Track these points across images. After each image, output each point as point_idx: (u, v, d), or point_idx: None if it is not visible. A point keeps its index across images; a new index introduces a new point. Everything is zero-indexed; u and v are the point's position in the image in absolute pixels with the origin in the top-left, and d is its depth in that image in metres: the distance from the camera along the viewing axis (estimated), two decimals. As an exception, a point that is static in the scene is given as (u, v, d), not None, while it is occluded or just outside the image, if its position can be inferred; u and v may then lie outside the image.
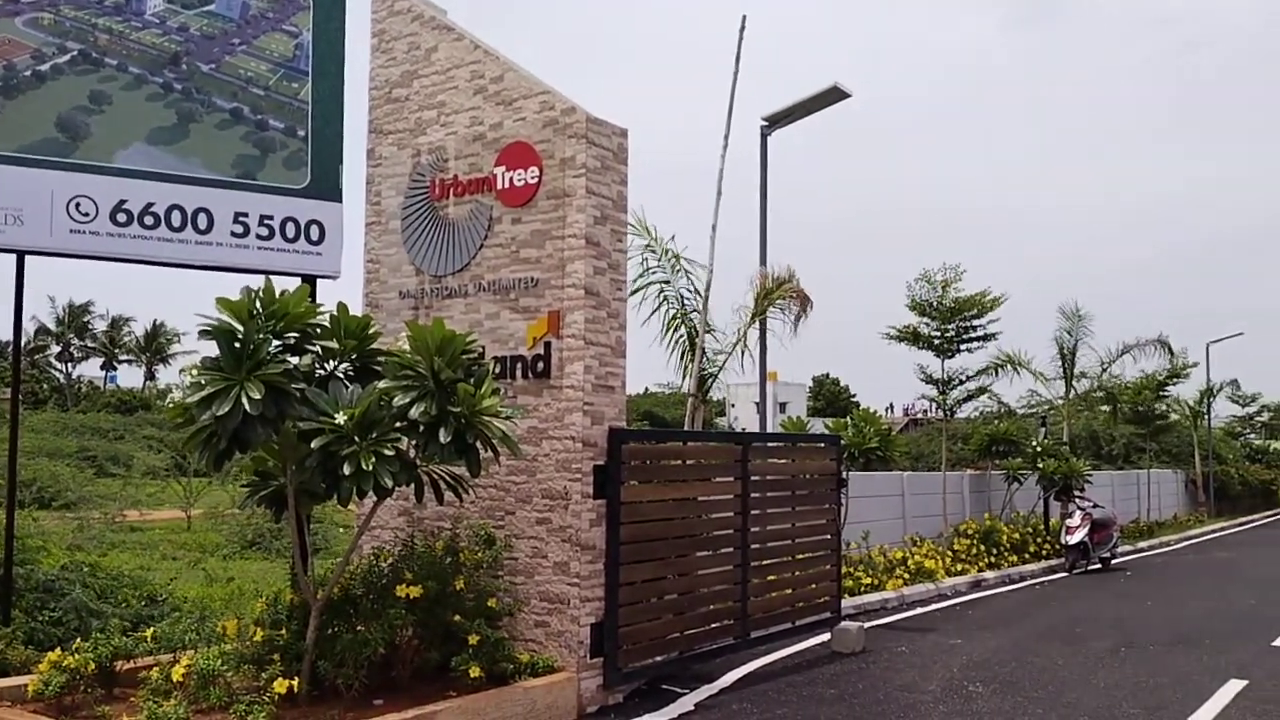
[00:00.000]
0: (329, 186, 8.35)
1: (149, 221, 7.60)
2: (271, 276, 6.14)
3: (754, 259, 13.23)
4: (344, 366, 6.19)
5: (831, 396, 78.24)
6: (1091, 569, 17.27)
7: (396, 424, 5.84)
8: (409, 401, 5.81)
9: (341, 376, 6.11)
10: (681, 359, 12.63)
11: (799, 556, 9.39)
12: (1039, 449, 18.63)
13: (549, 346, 7.32)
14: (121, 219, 7.53)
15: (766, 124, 13.41)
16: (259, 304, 5.69)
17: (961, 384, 18.30)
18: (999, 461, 18.47)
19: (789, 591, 9.23)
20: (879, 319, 34.96)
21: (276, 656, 6.21)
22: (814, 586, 9.63)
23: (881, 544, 14.39)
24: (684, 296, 12.54)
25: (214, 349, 5.55)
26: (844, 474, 11.16)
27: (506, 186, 7.66)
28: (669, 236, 12.48)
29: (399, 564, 6.94)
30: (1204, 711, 7.42)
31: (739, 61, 12.33)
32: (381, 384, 5.90)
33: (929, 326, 17.50)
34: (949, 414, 19.09)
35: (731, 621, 8.38)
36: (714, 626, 8.24)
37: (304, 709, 5.98)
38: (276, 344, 5.70)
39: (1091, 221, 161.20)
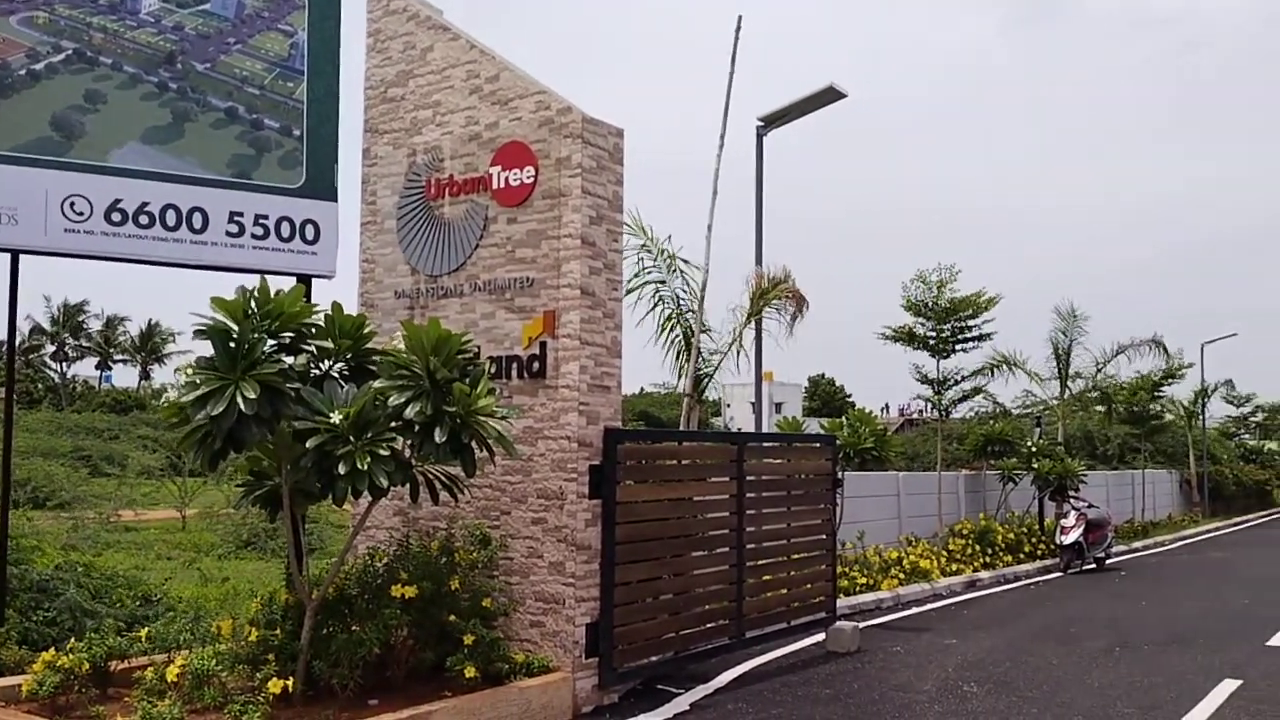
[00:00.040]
0: (324, 186, 8.33)
1: (144, 221, 7.59)
2: (267, 276, 6.12)
3: (750, 258, 13.24)
4: (339, 366, 6.17)
5: (827, 397, 78.31)
6: (1086, 569, 17.30)
7: (392, 424, 5.83)
8: (404, 401, 5.81)
9: (336, 376, 6.10)
10: (677, 359, 12.63)
11: (794, 556, 9.40)
12: (1034, 449, 18.66)
13: (544, 346, 7.32)
14: (116, 218, 7.51)
15: (762, 124, 13.41)
16: (254, 303, 5.68)
17: (957, 384, 18.32)
18: (994, 462, 18.51)
19: (784, 591, 9.24)
20: (876, 319, 35.04)
21: (271, 656, 6.22)
22: (809, 586, 9.64)
23: (877, 544, 14.41)
24: (679, 296, 12.55)
25: (209, 348, 5.54)
26: (839, 474, 11.17)
27: (502, 186, 7.66)
28: (665, 236, 12.50)
29: (394, 564, 6.94)
30: (1198, 711, 7.44)
31: (735, 62, 12.36)
32: (377, 384, 5.89)
33: (924, 327, 17.51)
34: (944, 414, 19.11)
35: (727, 621, 8.39)
36: (709, 626, 8.25)
37: (299, 709, 5.97)
38: (271, 343, 5.69)
39: (1091, 221, 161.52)
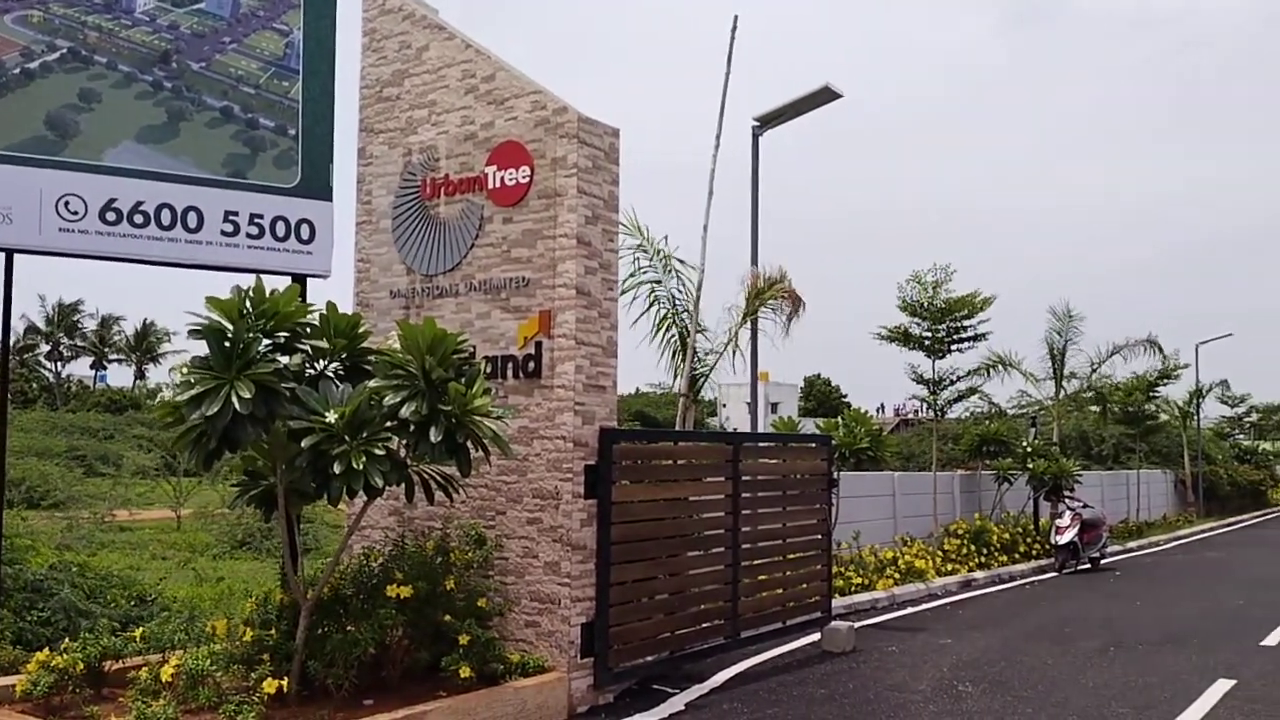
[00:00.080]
0: (319, 185, 8.32)
1: (138, 220, 7.57)
2: (262, 275, 6.13)
3: (746, 258, 13.25)
4: (334, 366, 6.16)
5: (823, 397, 78.35)
6: (1081, 569, 17.33)
7: (387, 423, 5.83)
8: (400, 401, 5.80)
9: (332, 376, 6.09)
10: (673, 359, 12.63)
11: (790, 556, 9.40)
12: (1029, 449, 18.69)
13: (540, 346, 7.31)
14: (111, 217, 7.49)
15: (758, 124, 13.42)
16: (249, 303, 5.68)
17: (952, 384, 18.36)
18: (989, 462, 18.53)
19: (780, 591, 9.24)
20: (873, 319, 35.08)
21: (266, 656, 6.21)
22: (805, 586, 9.65)
23: (872, 544, 14.42)
24: (675, 297, 12.54)
25: (204, 348, 5.53)
26: (835, 474, 11.18)
27: (498, 186, 7.66)
28: (661, 236, 12.49)
29: (389, 564, 6.93)
30: (1193, 711, 7.45)
31: (730, 62, 12.36)
32: (372, 383, 5.89)
33: (920, 327, 17.54)
34: (940, 414, 19.13)
35: (722, 621, 8.39)
36: (705, 626, 8.25)
37: (293, 709, 5.97)
38: (267, 343, 5.68)
39: (1091, 221, 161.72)
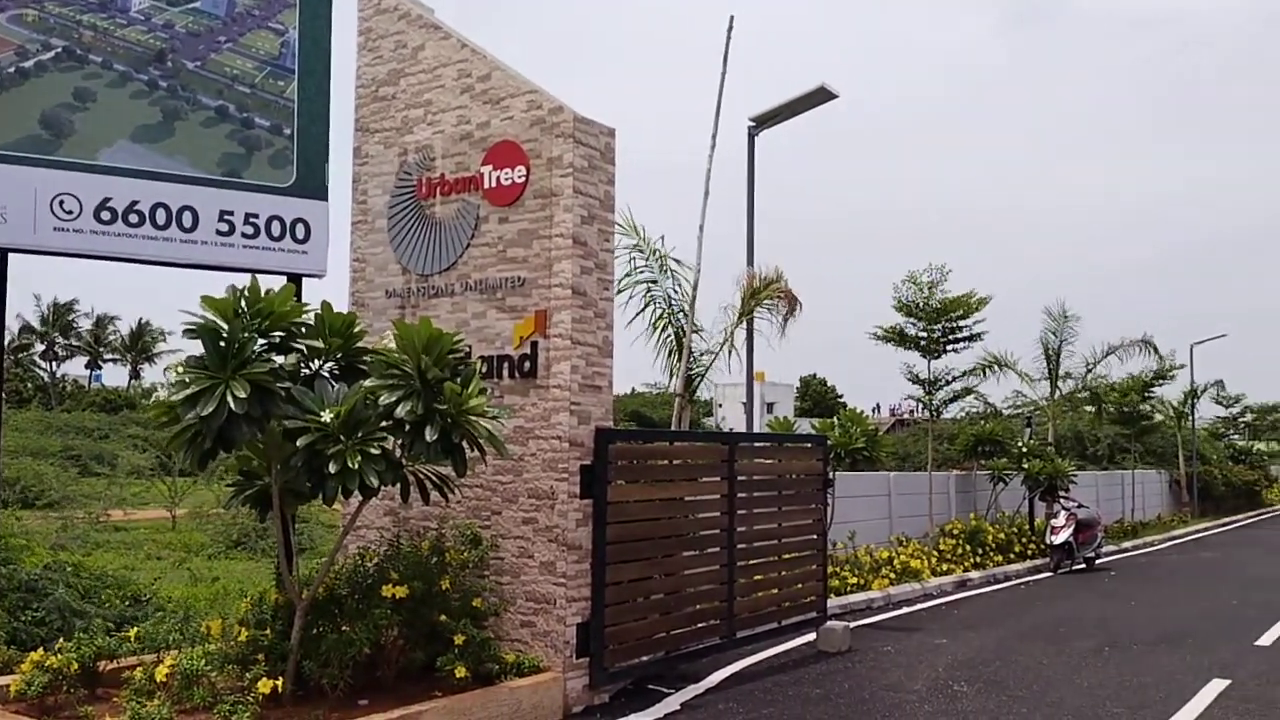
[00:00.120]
0: (315, 185, 8.31)
1: (133, 219, 7.56)
2: (257, 275, 6.12)
3: (742, 258, 13.24)
4: (329, 365, 6.17)
5: (819, 397, 78.42)
6: (1076, 569, 17.36)
7: (382, 423, 5.82)
8: (395, 400, 5.79)
9: (327, 375, 6.09)
10: (669, 359, 12.61)
11: (785, 556, 9.41)
12: (1024, 449, 18.71)
13: (536, 346, 7.31)
14: (106, 217, 7.48)
15: (754, 124, 13.42)
16: (244, 303, 5.67)
17: (948, 384, 18.38)
18: (984, 462, 18.54)
19: (775, 591, 9.25)
20: (869, 319, 35.12)
21: (261, 656, 6.19)
22: (800, 586, 9.66)
23: (868, 544, 14.43)
24: (671, 296, 12.53)
25: (199, 348, 5.53)
26: (830, 474, 11.18)
27: (493, 185, 7.65)
28: (657, 236, 12.47)
29: (384, 564, 6.92)
30: (1187, 710, 7.46)
31: (726, 62, 12.35)
32: (367, 383, 5.88)
33: (915, 327, 17.55)
34: (935, 414, 19.15)
35: (718, 621, 8.39)
36: (700, 626, 8.25)
37: (288, 709, 5.96)
38: (262, 343, 5.68)
39: (1091, 221, 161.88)
